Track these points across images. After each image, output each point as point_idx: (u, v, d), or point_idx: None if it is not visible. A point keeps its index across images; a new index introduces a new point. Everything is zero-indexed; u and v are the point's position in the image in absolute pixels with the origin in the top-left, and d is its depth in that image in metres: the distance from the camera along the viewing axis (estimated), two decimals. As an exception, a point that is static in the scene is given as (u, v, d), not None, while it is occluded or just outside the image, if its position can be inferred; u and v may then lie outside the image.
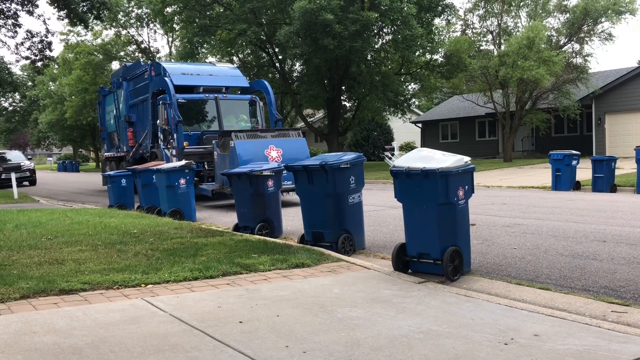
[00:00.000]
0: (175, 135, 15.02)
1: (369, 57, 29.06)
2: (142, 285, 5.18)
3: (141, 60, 35.18)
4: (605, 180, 15.53)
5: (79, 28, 38.84)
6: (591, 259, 6.43)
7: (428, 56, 29.74)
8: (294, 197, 13.04)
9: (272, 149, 13.03)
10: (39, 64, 20.90)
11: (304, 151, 13.47)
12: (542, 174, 20.43)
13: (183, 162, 11.74)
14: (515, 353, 3.46)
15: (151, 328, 4.00)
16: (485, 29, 32.32)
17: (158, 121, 15.72)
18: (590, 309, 4.54)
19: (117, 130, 20.53)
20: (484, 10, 31.40)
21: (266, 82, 18.09)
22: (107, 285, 5.12)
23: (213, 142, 14.24)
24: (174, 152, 15.14)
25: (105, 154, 22.48)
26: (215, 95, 16.22)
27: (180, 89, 15.74)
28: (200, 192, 14.16)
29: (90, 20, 20.83)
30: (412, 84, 33.79)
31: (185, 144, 15.03)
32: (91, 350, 3.57)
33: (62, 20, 19.19)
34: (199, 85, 16.55)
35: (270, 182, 8.75)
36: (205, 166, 15.06)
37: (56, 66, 49.04)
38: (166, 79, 15.65)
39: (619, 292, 5.09)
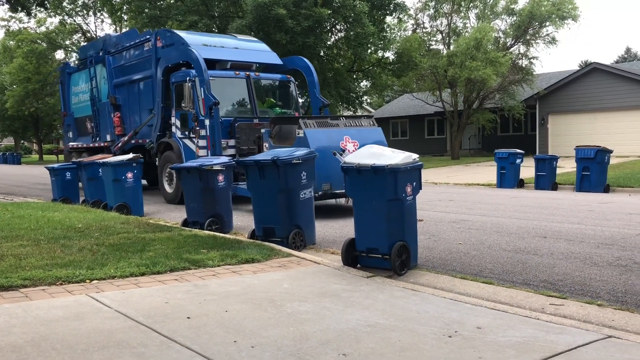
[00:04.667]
0: (207, 122, 12.26)
1: (321, 54, 29.14)
2: (87, 280, 5.05)
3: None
4: (547, 178, 16.13)
5: (21, 14, 37.36)
6: (532, 254, 6.67)
7: (380, 54, 30.10)
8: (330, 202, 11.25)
9: (348, 140, 10.61)
10: (-23, 50, 20.01)
11: (382, 144, 10.75)
12: (487, 171, 21.02)
13: (130, 155, 11.43)
14: (459, 345, 3.57)
15: (96, 324, 3.91)
16: (435, 29, 32.97)
17: (183, 104, 12.65)
18: (530, 302, 4.72)
19: (95, 115, 17.05)
20: (434, 10, 31.99)
21: (306, 60, 15.10)
22: (49, 281, 4.97)
23: (262, 131, 11.74)
24: (201, 142, 12.43)
25: (70, 143, 18.77)
26: (247, 73, 13.47)
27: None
28: (240, 193, 11.35)
29: (33, 7, 20.01)
30: (364, 81, 34.13)
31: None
32: (32, 348, 3.46)
33: (2, 5, 18.38)
34: (225, 60, 13.62)
35: (220, 177, 8.67)
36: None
37: (-4, 53, 47.07)
38: (192, 49, 12.82)
39: (557, 285, 5.31)
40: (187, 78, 12.62)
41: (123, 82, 15.76)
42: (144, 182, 17.13)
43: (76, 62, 19.96)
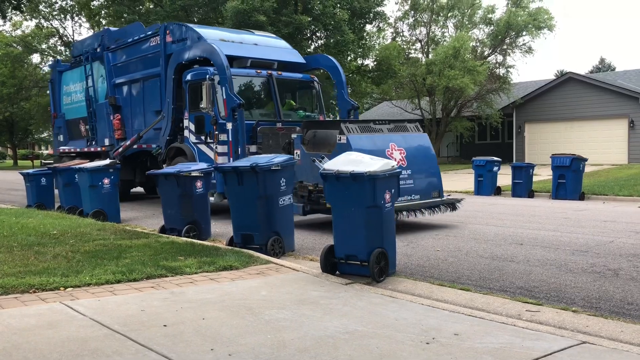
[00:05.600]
0: (229, 126, 11.00)
1: (301, 60, 29.27)
2: (61, 288, 4.97)
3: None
4: (523, 186, 16.31)
5: (-3, 18, 36.75)
6: (509, 261, 6.74)
7: (359, 61, 30.30)
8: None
9: (394, 148, 9.40)
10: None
11: (430, 153, 10.04)
12: (465, 179, 21.20)
13: (107, 161, 11.32)
14: (436, 352, 3.58)
15: (70, 333, 3.84)
16: (414, 38, 33.28)
17: (201, 105, 11.27)
18: (507, 309, 4.76)
19: (91, 117, 15.60)
20: (413, 19, 32.32)
21: (332, 58, 13.96)
22: (22, 289, 4.87)
23: (293, 136, 10.33)
24: (221, 148, 11.18)
25: (61, 148, 17.09)
26: (269, 72, 12.18)
27: None
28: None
29: (9, 10, 19.63)
30: (344, 88, 34.29)
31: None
32: (3, 357, 3.39)
33: (-23, 8, 17.98)
34: (245, 57, 12.24)
35: (198, 183, 8.61)
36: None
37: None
38: (213, 45, 11.50)
39: (533, 292, 5.37)
40: (207, 76, 11.30)
41: (125, 81, 14.55)
42: (141, 190, 16.75)
43: (49, 64, 19.39)
